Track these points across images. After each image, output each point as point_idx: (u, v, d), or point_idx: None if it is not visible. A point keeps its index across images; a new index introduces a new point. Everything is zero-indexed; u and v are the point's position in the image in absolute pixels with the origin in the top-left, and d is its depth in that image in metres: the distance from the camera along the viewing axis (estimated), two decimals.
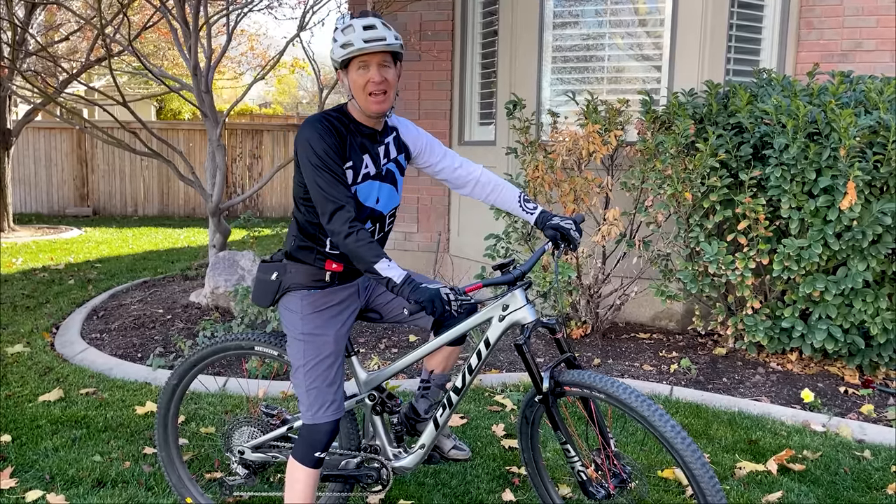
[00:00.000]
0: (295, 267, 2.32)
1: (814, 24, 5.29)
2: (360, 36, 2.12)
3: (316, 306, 2.31)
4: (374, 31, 2.13)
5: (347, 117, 2.24)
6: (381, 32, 2.13)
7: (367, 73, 2.14)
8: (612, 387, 2.10)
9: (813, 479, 3.06)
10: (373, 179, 2.26)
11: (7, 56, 9.24)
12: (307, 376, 2.27)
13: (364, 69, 2.15)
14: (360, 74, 2.15)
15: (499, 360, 4.55)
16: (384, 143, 2.31)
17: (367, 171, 2.24)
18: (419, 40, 6.31)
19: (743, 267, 4.17)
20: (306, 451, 2.27)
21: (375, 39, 2.12)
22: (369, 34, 2.12)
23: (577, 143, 4.64)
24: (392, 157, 2.33)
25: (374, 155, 2.27)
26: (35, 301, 6.16)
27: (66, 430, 3.48)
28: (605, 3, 5.34)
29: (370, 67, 2.14)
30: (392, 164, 2.33)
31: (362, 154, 2.23)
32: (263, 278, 2.37)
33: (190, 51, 5.82)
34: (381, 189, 2.29)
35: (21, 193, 13.15)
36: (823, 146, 3.93)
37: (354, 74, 2.16)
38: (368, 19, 2.15)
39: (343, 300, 2.37)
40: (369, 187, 2.25)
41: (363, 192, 2.24)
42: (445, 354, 2.56)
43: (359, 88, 2.17)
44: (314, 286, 2.31)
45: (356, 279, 2.42)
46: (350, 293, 2.40)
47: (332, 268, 2.30)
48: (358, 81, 2.16)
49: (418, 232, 6.62)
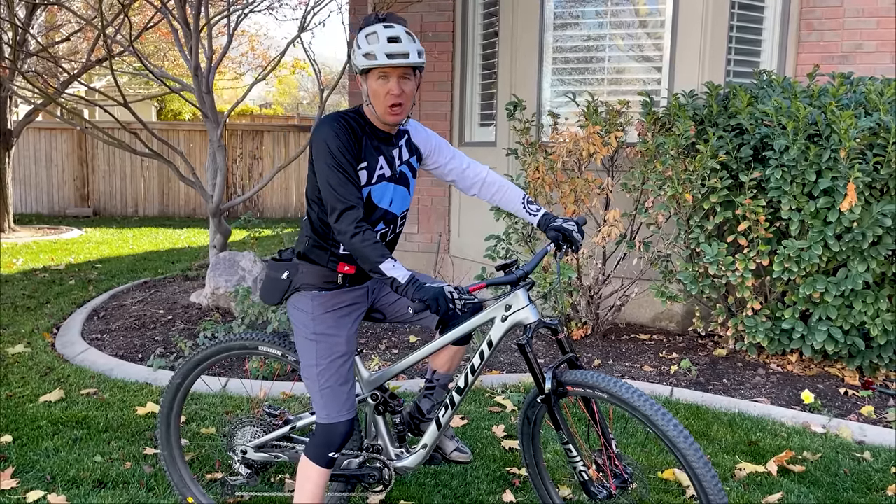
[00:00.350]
0: (306, 267, 2.32)
1: (814, 25, 5.30)
2: (383, 49, 2.10)
3: (327, 307, 2.31)
4: (399, 46, 2.11)
5: (364, 119, 2.24)
6: (406, 47, 2.11)
7: (387, 84, 2.14)
8: (614, 386, 2.11)
9: (813, 480, 3.07)
10: (387, 181, 2.27)
11: (8, 56, 9.25)
12: (321, 376, 2.27)
13: (384, 80, 2.14)
14: (380, 84, 2.15)
15: (499, 362, 4.56)
16: (399, 147, 2.32)
17: (381, 172, 2.24)
18: (420, 41, 6.32)
19: (743, 268, 4.17)
20: (321, 451, 2.28)
21: (399, 55, 2.10)
22: (393, 48, 2.10)
23: (578, 144, 4.65)
24: (405, 159, 2.34)
25: (389, 157, 2.27)
26: (36, 301, 6.16)
27: (66, 431, 3.49)
28: (606, 5, 5.35)
29: (390, 79, 2.14)
30: (405, 167, 2.34)
31: (378, 156, 2.24)
32: (274, 276, 2.37)
33: (191, 52, 5.82)
34: (396, 191, 2.30)
35: (21, 194, 13.16)
36: (824, 148, 3.93)
37: (374, 83, 2.16)
38: (394, 30, 2.13)
39: (353, 301, 2.38)
40: (384, 189, 2.26)
41: (377, 193, 2.25)
42: (450, 354, 2.56)
43: (378, 98, 2.16)
44: (325, 287, 2.31)
45: (367, 282, 2.42)
46: (360, 294, 2.41)
47: (345, 270, 2.30)
48: (378, 91, 2.15)
49: (419, 233, 6.62)
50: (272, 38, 33.01)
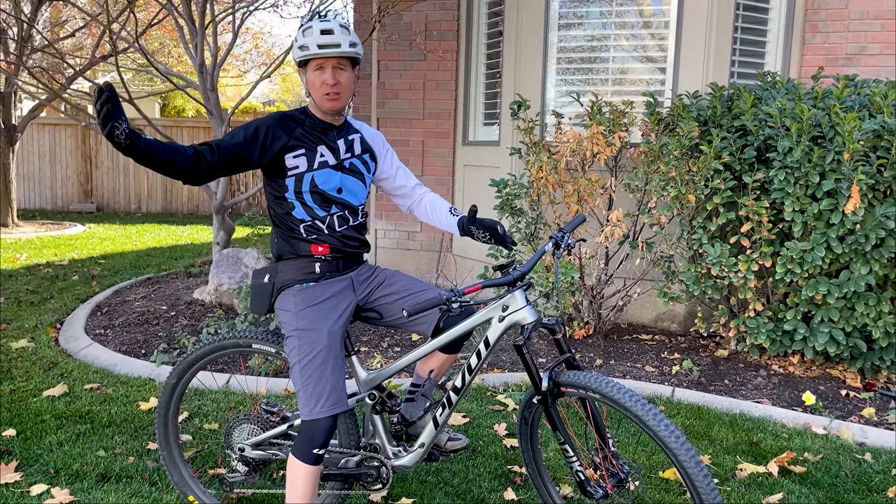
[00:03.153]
0: (285, 265, 2.43)
1: (819, 27, 5.30)
2: (315, 40, 2.25)
3: (308, 301, 2.35)
4: (330, 37, 2.25)
5: (305, 114, 2.41)
6: (337, 38, 2.26)
7: (323, 74, 2.29)
8: (607, 387, 2.11)
9: (814, 481, 3.07)
10: (332, 169, 2.40)
11: (13, 52, 9.27)
12: (303, 372, 2.29)
13: (320, 71, 2.30)
14: (317, 75, 2.30)
15: (501, 360, 4.57)
16: (347, 139, 2.45)
17: (323, 159, 2.38)
18: (424, 40, 6.33)
19: (746, 269, 4.17)
20: (305, 448, 2.29)
21: (330, 45, 2.25)
22: (325, 39, 2.25)
23: (582, 144, 4.66)
24: (356, 153, 2.48)
25: (333, 147, 2.41)
26: (39, 296, 6.18)
27: (70, 425, 3.50)
28: (610, 5, 5.35)
29: (325, 70, 2.29)
30: (357, 161, 2.47)
31: (317, 144, 2.38)
32: (257, 283, 2.47)
33: (196, 49, 5.83)
34: (344, 179, 2.43)
35: (25, 189, 13.19)
36: (827, 150, 3.93)
37: (311, 74, 2.31)
38: (327, 23, 2.28)
39: (336, 293, 2.41)
40: (327, 175, 2.39)
41: (320, 178, 2.38)
42: (440, 361, 2.58)
43: (314, 88, 2.32)
44: (306, 278, 2.39)
45: (348, 272, 2.47)
46: (343, 286, 2.44)
47: (319, 251, 2.40)
48: (314, 82, 2.31)
49: (421, 231, 6.63)
50: (276, 36, 33.00)
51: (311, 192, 2.36)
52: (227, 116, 6.10)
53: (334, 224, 2.41)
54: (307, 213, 2.38)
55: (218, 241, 6.17)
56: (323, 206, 2.38)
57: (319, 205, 2.38)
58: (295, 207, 2.37)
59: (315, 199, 2.37)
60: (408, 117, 6.53)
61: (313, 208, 2.37)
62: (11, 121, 10.28)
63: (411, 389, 2.62)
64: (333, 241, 2.41)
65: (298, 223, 2.38)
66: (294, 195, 2.36)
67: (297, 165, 2.34)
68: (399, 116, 6.55)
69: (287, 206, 2.37)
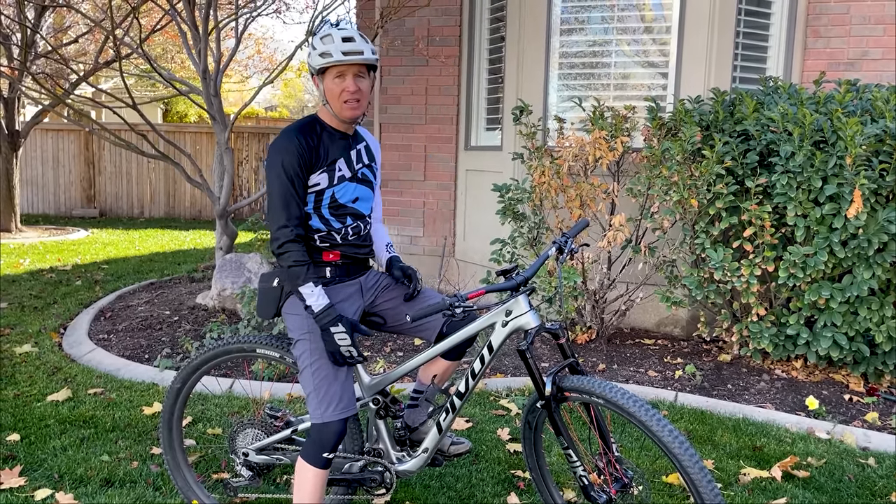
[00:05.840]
0: None
1: (820, 32, 5.31)
2: (338, 48, 2.24)
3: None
4: (353, 45, 2.24)
5: (321, 124, 2.37)
6: (359, 46, 2.25)
7: (343, 82, 2.27)
8: (610, 392, 2.12)
9: (817, 485, 3.07)
10: (349, 181, 2.39)
11: (17, 57, 9.30)
12: (315, 375, 2.30)
13: (340, 78, 2.27)
14: (336, 83, 2.28)
15: (504, 365, 4.57)
16: (357, 149, 2.44)
17: (341, 173, 2.37)
18: (427, 45, 6.35)
19: (748, 274, 4.18)
20: (315, 452, 2.29)
21: (353, 52, 2.24)
22: (348, 46, 2.24)
23: (584, 148, 4.67)
24: (365, 162, 2.48)
25: (348, 159, 2.40)
26: (43, 301, 6.20)
27: (74, 430, 3.51)
28: (612, 10, 5.37)
29: (346, 77, 2.27)
30: (366, 170, 2.48)
31: (336, 159, 2.36)
32: (266, 286, 2.45)
33: (199, 54, 5.86)
34: (358, 189, 2.43)
35: (28, 194, 13.22)
36: (829, 154, 3.94)
37: (330, 82, 2.28)
38: (347, 31, 2.27)
39: (346, 298, 2.42)
40: (345, 188, 2.39)
41: (340, 192, 2.38)
42: (443, 367, 2.58)
43: (334, 96, 2.29)
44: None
45: (357, 277, 2.47)
46: (353, 291, 2.45)
47: (330, 258, 2.41)
48: (334, 90, 2.29)
49: (424, 236, 6.64)
50: (278, 42, 33.12)
51: (330, 206, 2.37)
52: (229, 122, 6.11)
53: (347, 234, 2.42)
54: (323, 224, 2.38)
55: (221, 246, 6.18)
56: (339, 218, 2.39)
57: (336, 217, 2.38)
58: (311, 219, 2.37)
59: (332, 211, 2.37)
60: (410, 122, 6.54)
61: (330, 220, 2.38)
62: (15, 126, 10.31)
63: (414, 395, 2.62)
64: (345, 248, 2.42)
65: (314, 233, 2.39)
66: (313, 209, 2.36)
67: (319, 182, 2.33)
68: (401, 121, 6.57)
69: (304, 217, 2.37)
